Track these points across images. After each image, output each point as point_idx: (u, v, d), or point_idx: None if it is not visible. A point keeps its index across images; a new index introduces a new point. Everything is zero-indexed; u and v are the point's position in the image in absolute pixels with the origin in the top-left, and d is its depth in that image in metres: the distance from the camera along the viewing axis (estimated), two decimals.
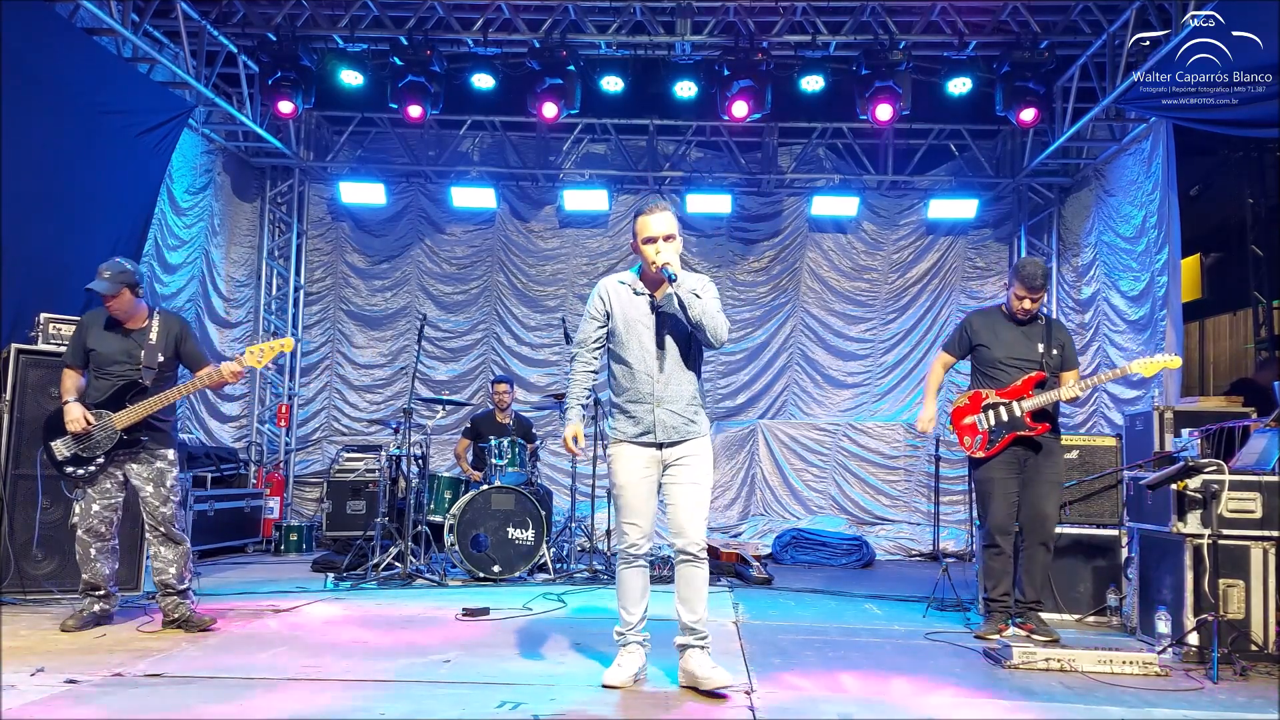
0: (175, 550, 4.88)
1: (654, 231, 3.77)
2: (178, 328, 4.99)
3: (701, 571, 3.79)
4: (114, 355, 4.84)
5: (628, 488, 3.84)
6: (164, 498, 4.85)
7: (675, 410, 3.81)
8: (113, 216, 7.03)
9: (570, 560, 7.48)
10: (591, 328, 3.96)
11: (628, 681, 3.80)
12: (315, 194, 10.74)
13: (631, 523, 3.84)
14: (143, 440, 4.83)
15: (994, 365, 5.03)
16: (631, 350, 3.85)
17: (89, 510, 4.80)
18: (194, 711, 3.35)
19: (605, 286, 3.96)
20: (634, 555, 3.85)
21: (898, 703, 3.72)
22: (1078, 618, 5.58)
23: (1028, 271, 4.95)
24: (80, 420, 4.71)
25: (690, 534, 3.76)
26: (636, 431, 3.84)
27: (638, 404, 3.83)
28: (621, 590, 3.90)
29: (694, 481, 3.80)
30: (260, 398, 10.33)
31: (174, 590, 4.86)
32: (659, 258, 3.73)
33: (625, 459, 3.86)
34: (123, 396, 4.79)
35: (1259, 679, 4.20)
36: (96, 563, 4.83)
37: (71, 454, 4.77)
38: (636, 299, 3.88)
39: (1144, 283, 8.23)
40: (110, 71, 7.15)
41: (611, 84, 8.75)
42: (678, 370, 3.84)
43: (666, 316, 3.83)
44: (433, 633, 4.91)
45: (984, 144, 10.30)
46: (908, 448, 10.27)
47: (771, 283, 10.56)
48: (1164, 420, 5.95)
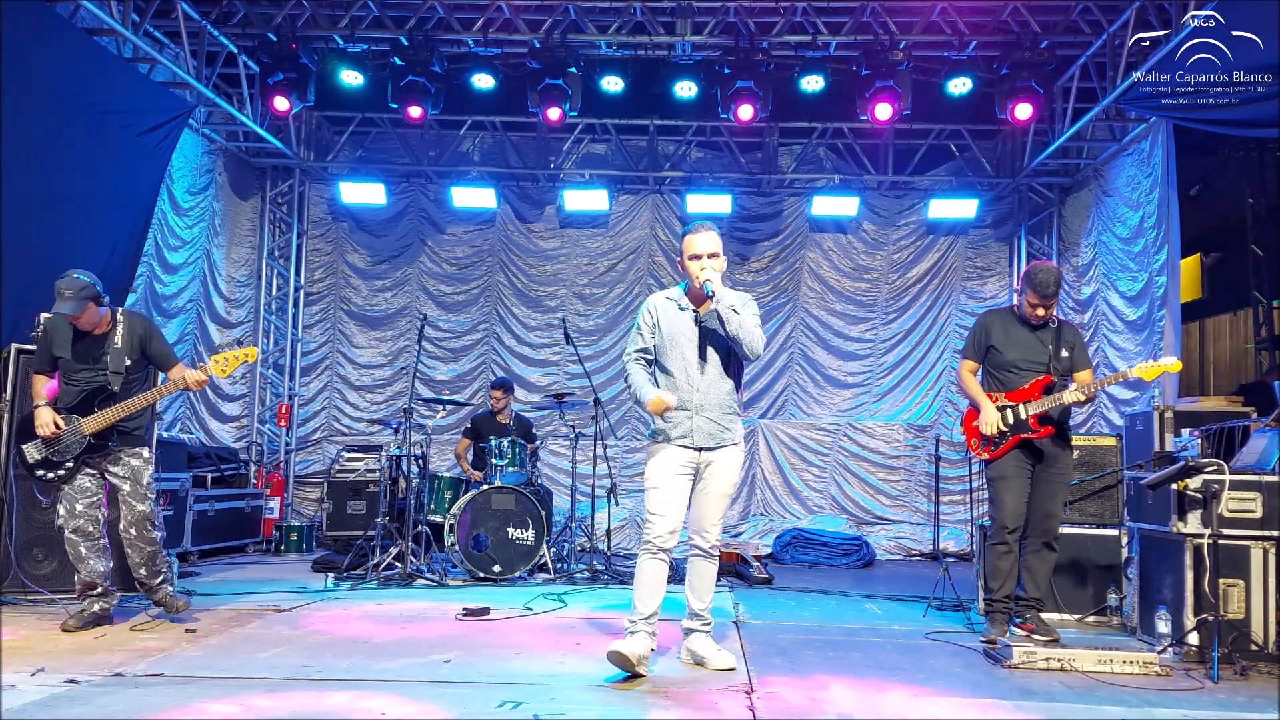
0: (143, 552, 4.88)
1: (699, 250, 4.05)
2: (142, 329, 4.97)
3: (713, 566, 4.22)
4: (80, 362, 4.85)
5: (662, 486, 4.06)
6: (142, 495, 4.86)
7: (712, 418, 4.09)
8: (113, 217, 7.03)
9: (570, 560, 7.48)
10: (640, 339, 4.23)
11: (634, 652, 3.87)
12: (316, 194, 10.74)
13: (661, 515, 4.03)
14: (111, 444, 4.84)
15: (1004, 367, 5.02)
16: (674, 361, 4.12)
17: (73, 511, 4.81)
18: (194, 711, 3.35)
19: (654, 301, 4.26)
20: (659, 547, 4.03)
21: (898, 702, 3.71)
22: (1078, 618, 5.58)
23: (1040, 279, 4.90)
24: (49, 425, 4.72)
25: (710, 534, 4.16)
26: (678, 434, 4.10)
27: (679, 410, 4.07)
28: (639, 579, 4.05)
29: (722, 493, 4.13)
30: (260, 398, 10.33)
31: (148, 585, 4.95)
32: (702, 274, 4.01)
33: (664, 457, 4.09)
34: (91, 402, 4.80)
35: (1259, 679, 4.19)
36: (89, 561, 4.82)
37: (42, 457, 4.78)
38: (681, 314, 4.16)
39: (1143, 283, 8.24)
40: (110, 71, 7.15)
41: (611, 84, 8.75)
42: (717, 380, 4.11)
43: (708, 331, 4.11)
44: (433, 633, 4.91)
45: (984, 144, 10.30)
46: (908, 448, 10.27)
47: (772, 283, 10.56)
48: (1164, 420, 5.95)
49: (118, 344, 4.86)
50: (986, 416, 4.91)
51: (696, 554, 4.18)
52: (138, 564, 4.92)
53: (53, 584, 5.43)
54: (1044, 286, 4.89)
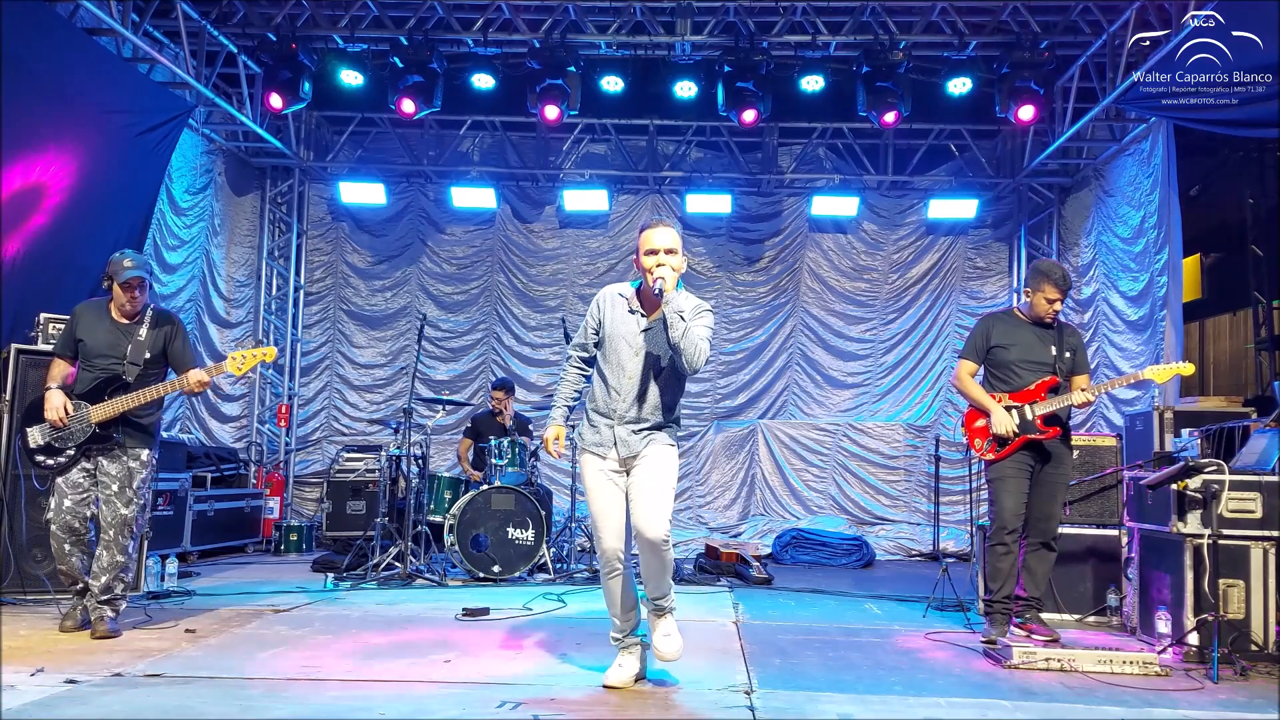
0: (112, 559, 4.68)
1: (655, 244, 3.76)
2: (169, 326, 4.93)
3: (658, 557, 3.72)
4: (101, 348, 4.78)
5: (593, 490, 3.86)
6: (128, 499, 4.72)
7: (635, 430, 3.81)
8: (112, 216, 7.03)
9: (570, 560, 7.48)
10: (585, 333, 4.01)
11: (628, 682, 3.81)
12: (315, 194, 10.74)
13: (604, 528, 3.83)
14: (116, 437, 4.73)
15: (1008, 368, 5.02)
16: (611, 365, 3.87)
17: (61, 506, 4.70)
18: (194, 712, 3.35)
19: (605, 295, 3.99)
20: (612, 565, 3.82)
21: (898, 703, 3.71)
22: (1078, 618, 5.58)
23: (1060, 273, 5.00)
24: (59, 409, 4.64)
25: (651, 529, 3.66)
26: (595, 440, 3.88)
27: (602, 416, 3.88)
28: (608, 600, 3.90)
29: (651, 474, 3.75)
30: (260, 398, 10.33)
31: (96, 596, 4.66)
32: (657, 271, 3.71)
33: (589, 466, 3.89)
34: (103, 390, 4.72)
35: (1259, 679, 4.19)
36: (72, 557, 4.73)
37: (45, 442, 4.69)
38: (628, 316, 3.89)
39: (1144, 283, 8.24)
40: (110, 71, 7.15)
41: (611, 84, 8.75)
42: (649, 394, 3.82)
43: (653, 340, 3.83)
44: (433, 633, 4.91)
45: (984, 144, 10.30)
46: (908, 448, 10.27)
47: (771, 283, 10.56)
48: (1164, 420, 5.95)
49: (141, 337, 4.82)
50: (999, 418, 4.88)
51: (645, 549, 3.72)
52: (101, 569, 4.68)
53: (53, 584, 5.43)
54: (1064, 279, 4.99)
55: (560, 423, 4.03)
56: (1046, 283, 4.95)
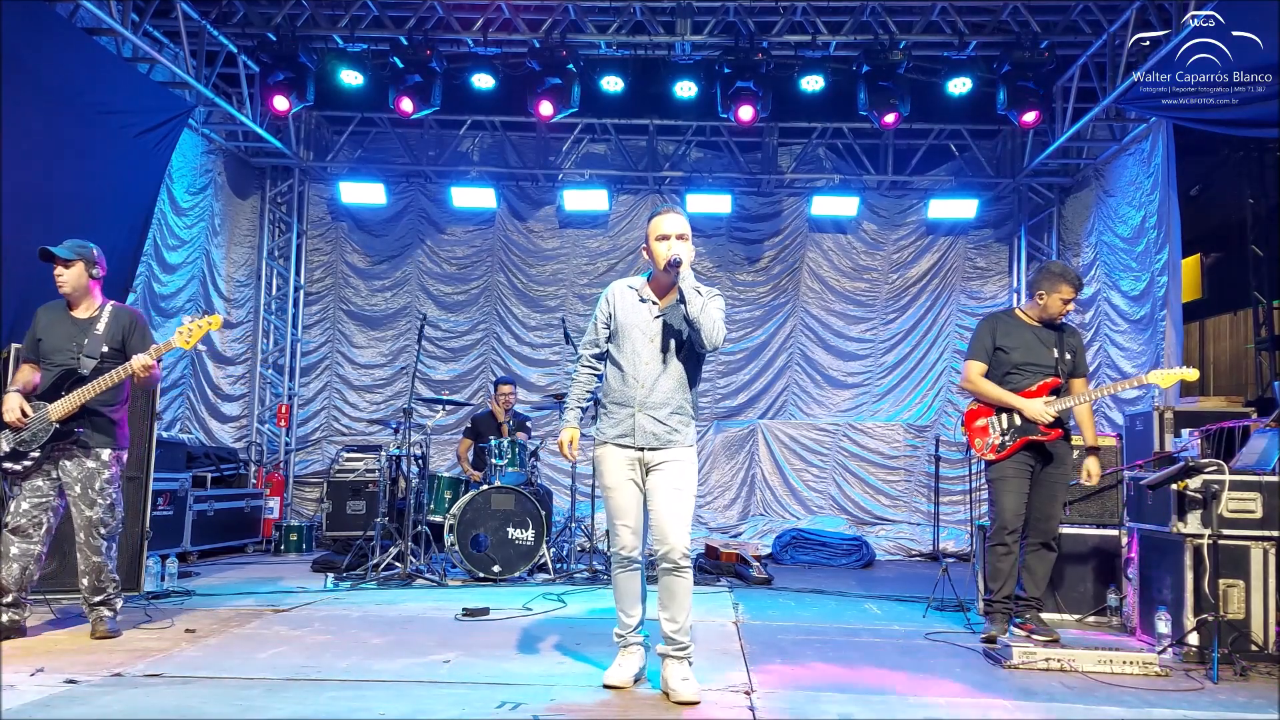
0: (88, 561, 4.62)
1: (666, 230, 3.78)
2: (128, 320, 4.79)
3: (684, 581, 3.70)
4: (58, 344, 4.67)
5: (613, 489, 3.83)
6: (91, 500, 4.59)
7: (657, 418, 3.79)
8: (112, 216, 7.02)
9: (570, 560, 7.47)
10: (594, 331, 3.99)
11: (628, 681, 3.81)
12: (315, 194, 10.74)
13: (622, 524, 3.83)
14: (78, 433, 4.59)
15: (1011, 369, 5.02)
16: (626, 354, 3.86)
17: (19, 509, 4.55)
18: (194, 712, 3.34)
19: (614, 289, 3.99)
20: (627, 559, 3.83)
21: (898, 703, 3.71)
22: (1078, 618, 5.58)
23: (1074, 273, 5.04)
24: (15, 410, 4.48)
25: (671, 541, 3.67)
26: (616, 433, 3.85)
27: (621, 407, 3.85)
28: (618, 594, 3.90)
29: (675, 488, 3.73)
30: (260, 398, 10.33)
31: (88, 600, 4.64)
32: (670, 251, 3.72)
33: (608, 460, 3.86)
34: (60, 387, 4.59)
35: (1259, 679, 4.19)
36: (13, 564, 4.50)
37: (10, 448, 4.53)
38: (640, 305, 3.90)
39: (1144, 283, 8.24)
40: (110, 71, 7.15)
41: (611, 84, 8.75)
42: (668, 380, 3.82)
43: (667, 326, 3.84)
44: (433, 633, 4.91)
45: (984, 144, 10.30)
46: (908, 448, 10.27)
47: (771, 283, 10.56)
48: (1164, 420, 5.94)
49: (99, 331, 4.71)
50: (1033, 409, 4.85)
51: (665, 568, 3.68)
52: (83, 571, 4.63)
53: (52, 584, 5.42)
54: (1079, 280, 5.04)
55: (574, 424, 4.01)
56: (1063, 283, 4.95)
